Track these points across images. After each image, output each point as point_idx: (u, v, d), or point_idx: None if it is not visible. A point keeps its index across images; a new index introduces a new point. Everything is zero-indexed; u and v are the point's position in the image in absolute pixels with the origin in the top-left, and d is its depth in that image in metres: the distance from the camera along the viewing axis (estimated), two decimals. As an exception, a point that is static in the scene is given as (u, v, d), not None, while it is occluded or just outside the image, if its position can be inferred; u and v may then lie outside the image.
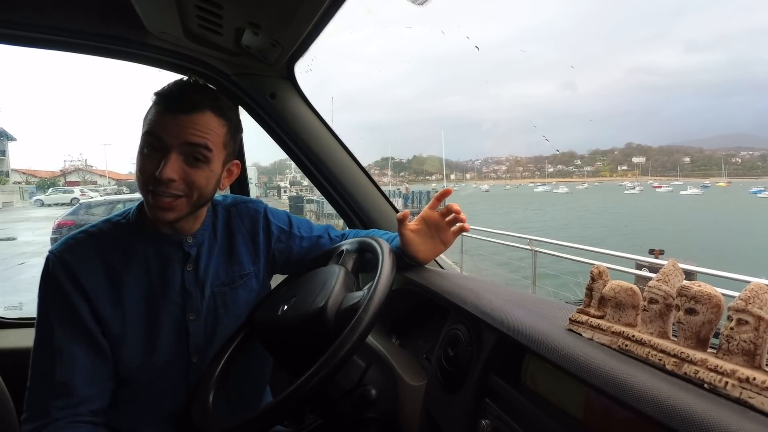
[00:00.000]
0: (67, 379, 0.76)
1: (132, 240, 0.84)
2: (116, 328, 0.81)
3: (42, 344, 0.79)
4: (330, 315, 0.74)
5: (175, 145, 0.76)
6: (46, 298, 0.80)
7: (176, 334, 0.85)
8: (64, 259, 0.79)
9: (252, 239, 0.95)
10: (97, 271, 0.80)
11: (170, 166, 0.76)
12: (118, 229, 0.85)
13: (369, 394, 0.82)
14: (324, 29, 0.98)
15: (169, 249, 0.85)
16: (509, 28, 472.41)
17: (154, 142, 0.77)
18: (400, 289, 0.99)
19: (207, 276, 0.88)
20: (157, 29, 1.05)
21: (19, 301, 4.95)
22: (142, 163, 0.78)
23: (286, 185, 40.36)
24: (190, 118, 0.77)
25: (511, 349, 0.62)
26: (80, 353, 0.78)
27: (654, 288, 0.48)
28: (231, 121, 0.83)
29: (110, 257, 0.82)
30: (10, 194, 24.08)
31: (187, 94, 0.79)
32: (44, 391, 0.76)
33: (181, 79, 0.82)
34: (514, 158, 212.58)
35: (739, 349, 0.39)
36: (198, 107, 0.78)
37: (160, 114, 0.77)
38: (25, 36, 1.07)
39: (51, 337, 0.77)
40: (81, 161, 43.22)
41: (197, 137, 0.78)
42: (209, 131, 0.79)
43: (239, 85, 1.22)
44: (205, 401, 0.79)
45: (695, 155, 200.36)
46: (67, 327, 0.78)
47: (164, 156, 0.76)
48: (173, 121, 0.76)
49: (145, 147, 0.77)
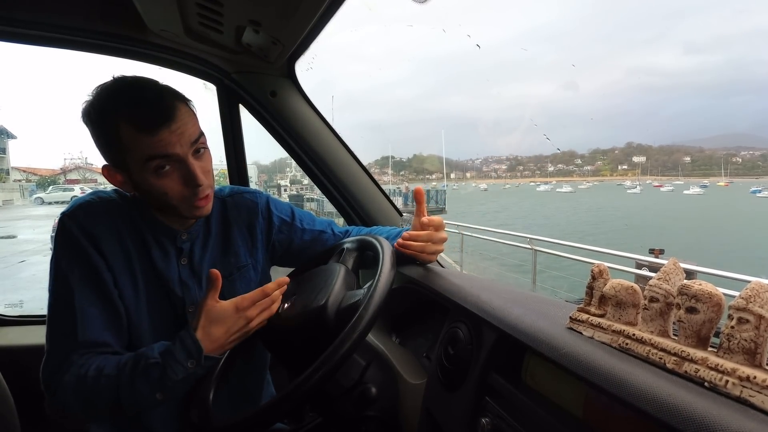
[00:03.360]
0: (92, 336, 0.75)
1: (136, 216, 0.83)
2: (128, 298, 0.80)
3: (62, 306, 0.76)
4: (330, 313, 0.74)
5: (187, 152, 0.76)
6: (63, 257, 0.77)
7: (177, 325, 0.85)
8: (78, 218, 0.78)
9: (249, 230, 0.94)
10: (111, 235, 0.79)
11: (200, 171, 0.77)
12: (125, 200, 0.84)
13: (369, 393, 0.82)
14: (325, 27, 0.98)
15: (165, 240, 0.85)
16: (510, 30, 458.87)
17: (165, 162, 0.75)
18: (401, 288, 0.99)
19: (202, 269, 0.87)
20: (158, 27, 1.05)
21: (19, 299, 4.96)
22: (162, 185, 0.76)
23: (286, 184, 40.37)
24: (179, 120, 0.75)
25: (512, 347, 0.62)
26: (103, 313, 0.77)
27: (655, 287, 0.48)
28: (189, 102, 0.81)
29: (120, 225, 0.81)
30: (11, 192, 24.07)
31: (157, 103, 0.75)
32: (70, 351, 0.74)
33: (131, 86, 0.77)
34: (514, 157, 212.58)
35: (740, 348, 0.39)
36: (174, 108, 0.76)
37: (151, 135, 0.73)
38: (26, 34, 1.07)
39: (71, 299, 0.75)
40: (81, 159, 43.16)
41: (194, 133, 0.77)
42: (193, 122, 0.79)
43: (240, 83, 1.22)
44: (205, 398, 0.79)
45: (695, 155, 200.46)
46: (87, 286, 0.76)
47: (181, 167, 0.76)
48: (171, 134, 0.74)
49: (153, 171, 0.75)
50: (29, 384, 0.88)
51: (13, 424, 1.01)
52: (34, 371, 0.81)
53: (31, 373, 0.85)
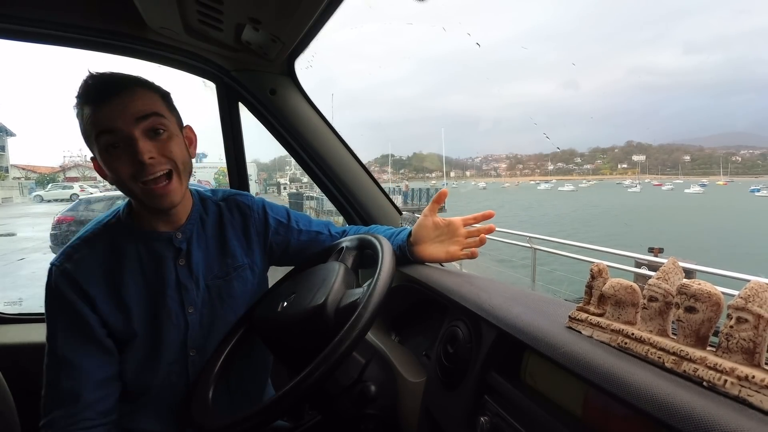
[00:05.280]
0: (72, 387, 0.77)
1: (124, 240, 0.84)
2: (121, 330, 0.82)
3: (51, 355, 0.80)
4: (330, 312, 0.74)
5: (132, 127, 0.75)
6: (53, 308, 0.81)
7: (177, 329, 0.85)
8: (65, 268, 0.80)
9: (243, 232, 0.95)
10: (98, 276, 0.81)
11: (143, 146, 0.75)
12: (110, 230, 0.85)
13: (368, 391, 0.83)
14: (324, 25, 0.97)
15: (160, 246, 0.86)
16: (510, 29, 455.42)
17: (110, 139, 0.75)
18: (400, 286, 0.99)
19: (200, 269, 0.88)
20: (157, 25, 1.04)
21: (18, 297, 4.96)
22: (110, 166, 0.76)
23: (285, 182, 40.34)
24: (127, 94, 0.75)
25: (511, 346, 0.63)
26: (86, 361, 0.79)
27: (654, 286, 0.48)
28: (159, 90, 0.82)
29: (107, 261, 0.82)
30: (10, 190, 24.05)
31: (107, 80, 0.76)
32: (52, 401, 0.78)
33: (91, 75, 0.78)
34: (514, 155, 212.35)
35: (739, 347, 0.39)
36: (124, 85, 0.76)
37: (97, 109, 0.74)
38: (25, 31, 1.07)
39: (58, 348, 0.79)
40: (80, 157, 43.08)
41: (145, 107, 0.76)
42: (149, 101, 0.78)
43: (239, 81, 1.22)
44: (205, 397, 0.79)
45: (695, 153, 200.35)
46: (72, 336, 0.79)
47: (128, 146, 0.75)
48: (114, 107, 0.74)
49: (104, 150, 0.76)
50: (28, 382, 0.88)
51: (12, 421, 1.01)
52: (34, 369, 0.82)
53: (31, 370, 0.85)
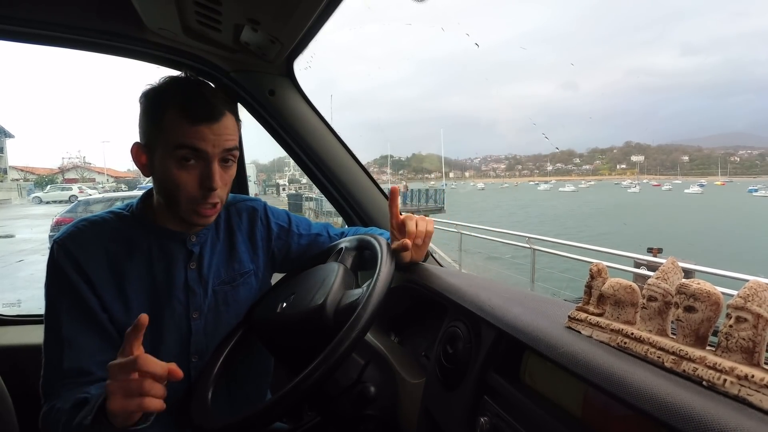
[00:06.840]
0: (76, 365, 0.75)
1: (135, 233, 0.84)
2: (120, 321, 0.80)
3: (51, 335, 0.78)
4: (329, 312, 0.74)
5: (216, 154, 0.77)
6: (53, 287, 0.79)
7: (179, 333, 0.84)
8: (67, 247, 0.79)
9: (250, 237, 0.95)
10: (100, 260, 0.80)
11: (218, 175, 0.78)
12: (121, 220, 0.85)
13: (368, 392, 0.82)
14: (323, 26, 0.97)
15: (173, 246, 0.85)
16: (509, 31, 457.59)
17: (190, 154, 0.76)
18: (399, 287, 0.99)
19: (209, 274, 0.87)
20: (156, 25, 1.04)
21: (17, 298, 4.95)
22: (173, 173, 0.77)
23: (284, 183, 40.36)
24: (222, 124, 0.77)
25: (510, 346, 0.62)
26: (88, 342, 0.77)
27: (653, 286, 0.48)
28: (239, 117, 0.85)
29: (112, 247, 0.81)
30: (8, 192, 24.02)
31: (209, 101, 0.78)
32: (56, 380, 0.76)
33: (194, 82, 0.81)
34: (513, 156, 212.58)
35: (738, 347, 0.39)
36: (222, 112, 0.78)
37: (191, 125, 0.75)
38: (23, 32, 1.07)
39: (59, 328, 0.77)
40: (79, 158, 43.11)
41: (231, 142, 0.79)
42: (234, 133, 0.81)
43: (238, 81, 1.21)
44: (204, 398, 0.79)
45: (694, 154, 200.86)
46: (74, 317, 0.77)
47: (204, 166, 0.77)
48: (209, 131, 0.76)
49: (176, 158, 0.76)
50: (27, 383, 0.88)
51: (11, 423, 1.01)
52: (32, 371, 0.81)
53: (29, 372, 0.85)
